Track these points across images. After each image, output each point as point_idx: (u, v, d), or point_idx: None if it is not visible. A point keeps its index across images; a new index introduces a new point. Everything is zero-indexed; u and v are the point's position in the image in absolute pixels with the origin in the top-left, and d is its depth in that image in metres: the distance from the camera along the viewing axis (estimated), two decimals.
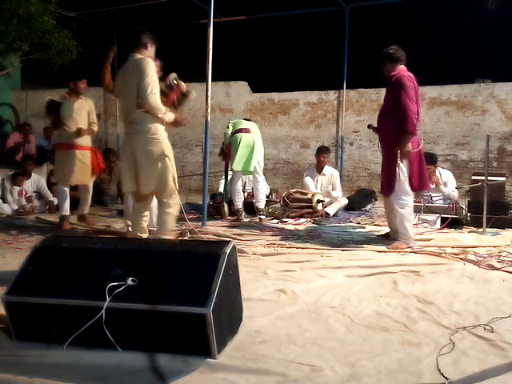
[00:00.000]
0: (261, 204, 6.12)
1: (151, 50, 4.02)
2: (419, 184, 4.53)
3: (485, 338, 2.28)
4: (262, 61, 12.41)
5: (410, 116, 4.28)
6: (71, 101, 5.55)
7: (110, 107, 11.23)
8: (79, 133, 5.48)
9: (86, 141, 5.60)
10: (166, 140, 3.94)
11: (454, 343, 2.21)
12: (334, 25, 9.69)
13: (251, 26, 10.74)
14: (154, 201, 5.04)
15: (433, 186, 5.79)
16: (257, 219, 5.97)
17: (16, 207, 6.58)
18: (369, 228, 5.47)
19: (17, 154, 8.80)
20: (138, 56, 3.90)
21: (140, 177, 3.87)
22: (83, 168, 5.57)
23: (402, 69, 4.51)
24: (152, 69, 3.80)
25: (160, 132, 3.88)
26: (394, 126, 4.39)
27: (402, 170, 4.42)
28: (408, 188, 4.47)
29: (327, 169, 7.01)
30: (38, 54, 7.93)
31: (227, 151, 6.27)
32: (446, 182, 6.17)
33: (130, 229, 4.93)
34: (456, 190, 6.07)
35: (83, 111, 5.59)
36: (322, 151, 6.95)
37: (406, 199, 4.47)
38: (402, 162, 4.39)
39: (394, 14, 10.79)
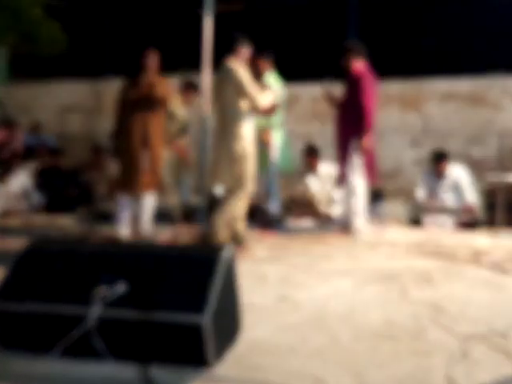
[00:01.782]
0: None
1: (244, 54, 4.49)
2: (369, 174, 5.11)
3: (499, 346, 2.28)
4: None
5: (367, 113, 4.86)
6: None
7: (103, 104, 11.21)
8: None
9: None
10: (250, 145, 4.36)
11: (466, 352, 2.20)
12: (338, 16, 9.66)
13: (250, 17, 10.71)
14: (146, 203, 5.01)
15: None
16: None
17: (3, 207, 6.58)
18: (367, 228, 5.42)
19: (2, 152, 8.79)
20: (230, 64, 4.34)
21: (221, 173, 4.37)
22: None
23: (361, 65, 5.03)
24: (245, 75, 4.31)
25: (247, 137, 4.34)
26: (351, 119, 4.91)
27: (358, 162, 4.96)
28: (361, 179, 5.01)
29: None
30: (26, 46, 7.93)
31: None
32: (460, 177, 5.89)
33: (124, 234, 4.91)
34: (471, 190, 5.77)
35: None
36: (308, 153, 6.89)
37: (357, 190, 5.01)
38: (356, 154, 4.93)
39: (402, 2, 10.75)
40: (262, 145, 5.85)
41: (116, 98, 5.04)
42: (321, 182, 6.89)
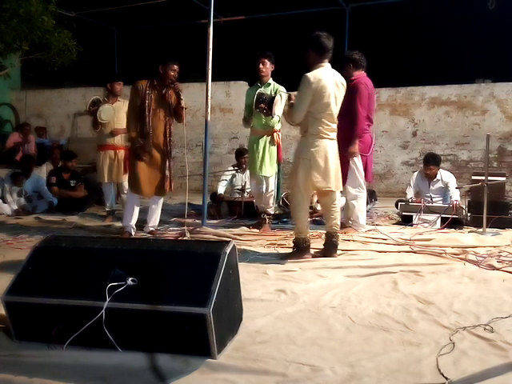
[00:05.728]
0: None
1: None
2: (368, 176, 5.18)
3: (485, 338, 2.28)
4: None
5: (359, 121, 4.91)
6: (110, 103, 5.76)
7: None
8: (113, 133, 5.78)
9: (121, 141, 5.84)
10: None
11: (454, 343, 2.21)
12: (334, 25, 9.69)
13: (251, 26, 10.71)
14: (159, 203, 4.98)
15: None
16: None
17: (16, 207, 6.58)
18: (367, 227, 5.45)
19: (16, 154, 8.81)
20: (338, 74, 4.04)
21: (333, 176, 3.97)
22: (118, 167, 5.83)
23: (361, 75, 5.04)
24: None
25: None
26: (348, 125, 4.82)
27: (357, 165, 5.00)
28: (362, 181, 5.07)
29: None
30: (38, 54, 7.94)
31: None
32: (448, 182, 6.14)
33: (132, 232, 4.90)
34: (457, 191, 6.05)
35: (121, 112, 5.63)
36: None
37: (359, 191, 5.07)
38: (351, 159, 4.94)
39: (394, 14, 10.79)
40: (272, 144, 5.73)
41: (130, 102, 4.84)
42: None
